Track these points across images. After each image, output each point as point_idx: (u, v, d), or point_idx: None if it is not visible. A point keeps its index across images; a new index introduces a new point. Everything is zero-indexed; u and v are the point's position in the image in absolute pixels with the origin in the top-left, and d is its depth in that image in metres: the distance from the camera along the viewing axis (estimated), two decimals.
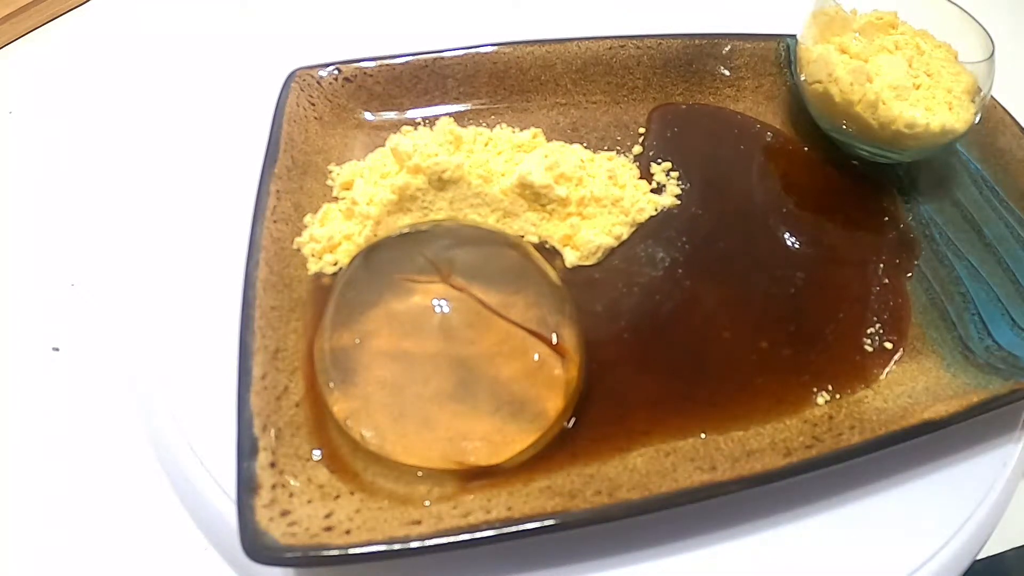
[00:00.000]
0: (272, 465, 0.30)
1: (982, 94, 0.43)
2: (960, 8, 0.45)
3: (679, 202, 0.44)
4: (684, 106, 0.50)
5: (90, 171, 0.47)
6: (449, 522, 0.29)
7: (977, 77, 0.43)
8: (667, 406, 0.35)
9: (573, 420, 0.34)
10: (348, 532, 0.28)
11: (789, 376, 0.36)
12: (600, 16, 0.59)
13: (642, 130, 0.48)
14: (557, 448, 0.33)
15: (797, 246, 0.43)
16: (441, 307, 0.31)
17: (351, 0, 0.60)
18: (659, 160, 0.46)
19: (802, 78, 0.47)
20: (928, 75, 0.43)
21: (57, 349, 0.38)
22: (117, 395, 0.36)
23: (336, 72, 0.46)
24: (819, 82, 0.45)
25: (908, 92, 0.43)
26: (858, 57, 0.44)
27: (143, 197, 0.44)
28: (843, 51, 0.45)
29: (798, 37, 0.48)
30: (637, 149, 0.46)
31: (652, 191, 0.44)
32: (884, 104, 0.42)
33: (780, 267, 0.42)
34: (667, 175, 0.45)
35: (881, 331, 0.39)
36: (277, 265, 0.37)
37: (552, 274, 0.34)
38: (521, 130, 0.46)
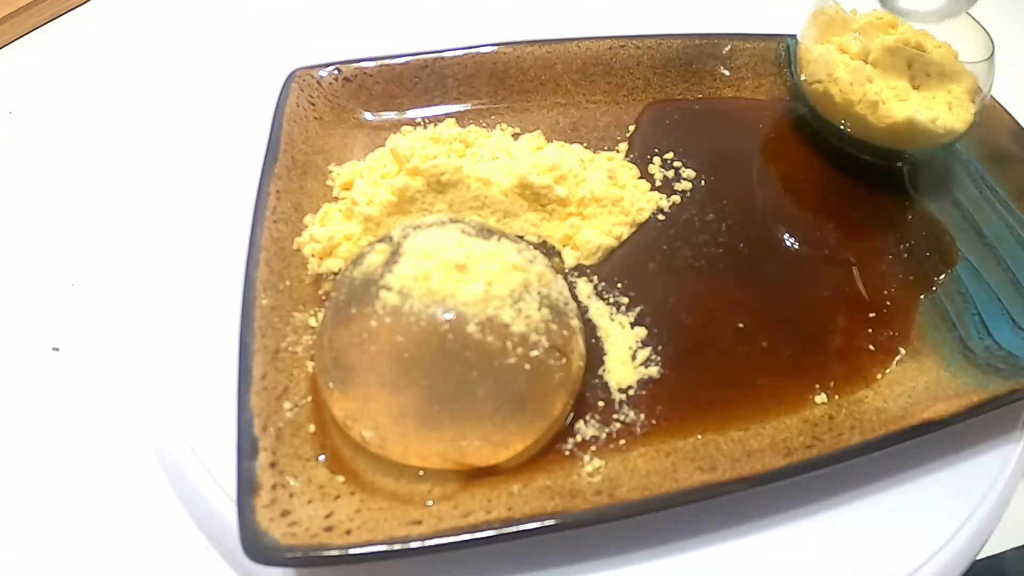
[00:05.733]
0: (272, 465, 0.30)
1: (982, 94, 0.43)
2: None
3: (679, 202, 0.44)
4: (678, 101, 0.50)
5: (90, 171, 0.47)
6: (449, 522, 0.29)
7: (977, 77, 0.43)
8: (667, 406, 0.35)
9: (572, 419, 0.34)
10: (348, 532, 0.28)
11: (789, 376, 0.36)
12: (600, 16, 0.59)
13: (632, 127, 0.48)
14: (557, 448, 0.33)
15: (796, 246, 0.43)
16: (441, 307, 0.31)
17: (351, 0, 0.60)
18: (651, 157, 0.46)
19: (802, 78, 0.47)
20: (928, 75, 0.43)
21: (57, 349, 0.38)
22: (117, 395, 0.36)
23: (336, 72, 0.46)
24: (819, 82, 0.45)
25: (908, 92, 0.43)
26: (858, 57, 0.44)
27: (143, 197, 0.44)
28: (843, 51, 0.45)
29: (798, 37, 0.48)
30: (623, 146, 0.46)
31: (655, 188, 0.44)
32: (884, 104, 0.42)
33: (779, 267, 0.42)
34: (665, 167, 0.45)
35: (881, 331, 0.39)
36: (277, 265, 0.37)
37: (551, 272, 0.34)
38: (521, 130, 0.46)
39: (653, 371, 0.36)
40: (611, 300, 0.39)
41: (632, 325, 0.38)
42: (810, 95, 0.47)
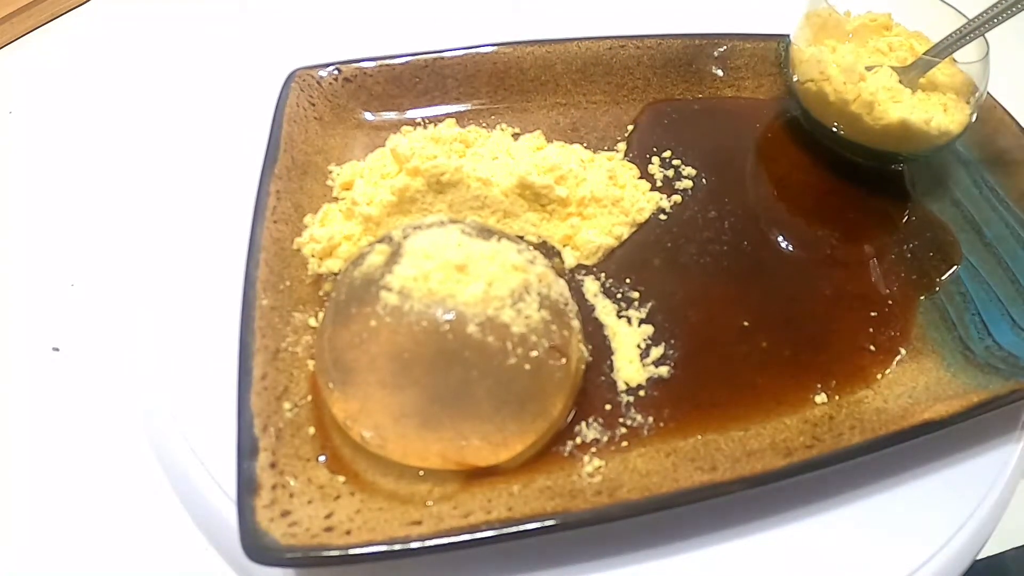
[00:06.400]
0: (272, 465, 0.30)
1: (977, 95, 0.43)
2: (954, 9, 0.45)
3: (680, 201, 0.44)
4: (678, 101, 0.50)
5: (90, 171, 0.47)
6: (450, 522, 0.29)
7: (972, 78, 0.43)
8: (669, 406, 0.35)
9: (573, 418, 0.34)
10: (349, 532, 0.28)
11: (789, 376, 0.36)
12: (600, 16, 0.59)
13: (630, 127, 0.48)
14: (557, 448, 0.33)
15: (797, 247, 0.43)
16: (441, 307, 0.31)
17: (351, 0, 0.60)
18: (649, 156, 0.46)
19: (795, 79, 0.47)
20: (923, 77, 0.43)
21: (57, 349, 0.38)
22: (117, 395, 0.36)
23: (336, 72, 0.46)
24: (812, 81, 0.45)
25: (902, 93, 0.43)
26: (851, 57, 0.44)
27: (143, 197, 0.44)
28: (836, 52, 0.45)
29: (791, 38, 0.48)
30: (622, 146, 0.46)
31: (655, 188, 0.44)
32: (879, 105, 0.42)
33: (780, 267, 0.42)
34: (665, 166, 0.45)
35: (881, 331, 0.39)
36: (277, 265, 0.37)
37: (551, 273, 0.34)
38: (521, 130, 0.46)
39: (660, 370, 0.36)
40: (618, 298, 0.39)
41: (639, 323, 0.38)
42: (803, 95, 0.46)
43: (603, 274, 0.40)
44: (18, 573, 0.31)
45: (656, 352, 0.37)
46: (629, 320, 0.38)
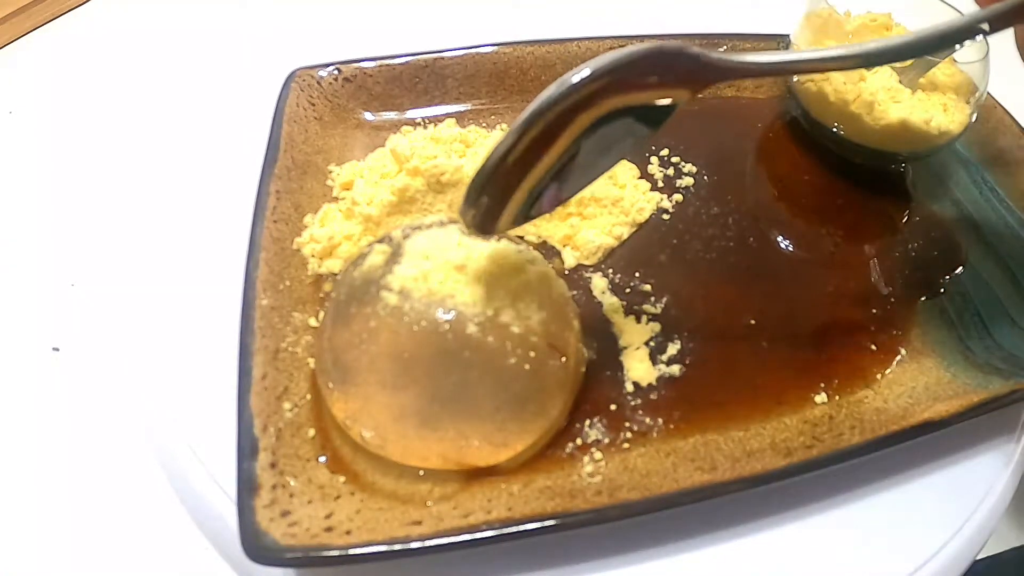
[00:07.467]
0: (272, 465, 0.30)
1: (977, 94, 0.43)
2: (955, 9, 0.45)
3: (681, 201, 0.44)
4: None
5: (90, 171, 0.47)
6: (449, 522, 0.29)
7: (972, 78, 0.43)
8: (671, 405, 0.35)
9: (573, 418, 0.34)
10: (348, 532, 0.28)
11: (789, 376, 0.36)
12: (600, 16, 0.59)
13: None
14: (557, 448, 0.33)
15: (796, 246, 0.43)
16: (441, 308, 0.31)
17: (351, 0, 0.60)
18: (648, 156, 0.46)
19: (795, 79, 0.47)
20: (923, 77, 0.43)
21: (57, 349, 0.38)
22: (117, 395, 0.36)
23: (336, 72, 0.46)
24: (812, 81, 0.45)
25: (902, 93, 0.43)
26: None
27: (143, 197, 0.44)
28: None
29: (791, 38, 0.47)
30: None
31: (655, 188, 0.44)
32: (879, 105, 0.42)
33: (779, 267, 0.42)
34: (664, 165, 0.45)
35: (881, 331, 0.39)
36: (277, 265, 0.37)
37: (551, 273, 0.34)
38: None
39: (666, 369, 0.36)
40: (626, 292, 0.39)
41: (648, 320, 0.38)
42: (803, 95, 0.46)
43: (611, 271, 0.40)
44: (18, 573, 0.31)
45: (671, 349, 0.37)
46: (637, 317, 0.38)
